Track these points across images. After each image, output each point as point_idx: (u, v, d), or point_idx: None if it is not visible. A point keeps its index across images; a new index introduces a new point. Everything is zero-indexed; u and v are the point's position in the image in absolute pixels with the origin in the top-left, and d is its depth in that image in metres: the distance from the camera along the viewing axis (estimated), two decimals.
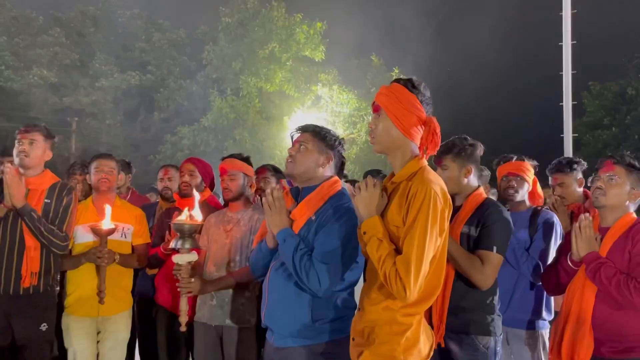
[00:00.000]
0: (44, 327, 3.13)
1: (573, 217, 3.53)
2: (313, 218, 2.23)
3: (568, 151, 11.46)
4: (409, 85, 1.99)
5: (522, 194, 3.17)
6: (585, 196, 3.62)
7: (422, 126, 2.00)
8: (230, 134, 18.86)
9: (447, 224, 1.92)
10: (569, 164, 3.50)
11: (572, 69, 11.88)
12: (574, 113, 12.24)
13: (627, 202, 2.49)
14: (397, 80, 2.02)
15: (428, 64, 21.30)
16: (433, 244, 1.86)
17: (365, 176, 4.51)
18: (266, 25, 19.68)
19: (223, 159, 3.27)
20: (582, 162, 3.56)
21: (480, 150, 2.68)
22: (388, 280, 1.84)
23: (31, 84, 23.64)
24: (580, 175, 3.58)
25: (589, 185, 2.80)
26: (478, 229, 2.49)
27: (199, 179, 3.59)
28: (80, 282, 3.33)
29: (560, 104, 11.79)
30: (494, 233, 2.47)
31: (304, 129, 2.37)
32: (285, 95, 19.25)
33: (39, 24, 25.68)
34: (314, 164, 2.30)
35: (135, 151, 22.69)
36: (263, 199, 2.30)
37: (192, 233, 2.80)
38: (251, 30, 19.95)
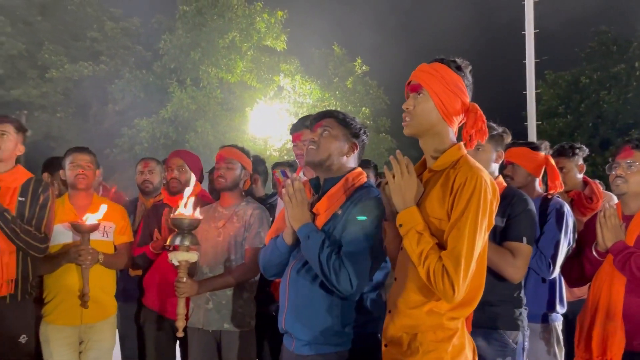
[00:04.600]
0: (23, 339, 2.84)
1: (573, 204, 3.49)
2: (339, 212, 2.04)
3: (532, 139, 11.66)
4: (453, 65, 1.80)
5: (520, 181, 3.06)
6: (585, 183, 3.58)
7: (464, 113, 1.84)
8: (192, 125, 18.31)
9: (493, 218, 1.77)
10: (571, 149, 3.46)
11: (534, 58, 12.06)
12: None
13: None
14: (440, 60, 1.82)
15: (391, 54, 21.34)
16: (482, 239, 1.71)
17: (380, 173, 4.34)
18: (225, 13, 19.15)
19: (222, 147, 3.07)
20: (584, 148, 3.52)
21: (509, 139, 2.57)
22: (432, 277, 1.66)
23: None
24: (581, 161, 3.54)
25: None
26: (504, 219, 2.37)
27: (188, 173, 3.35)
28: (61, 288, 3.04)
29: (524, 92, 11.96)
30: (523, 223, 2.36)
31: (328, 114, 2.17)
32: (246, 86, 18.81)
33: None
34: (338, 152, 2.10)
35: (89, 145, 21.57)
36: (282, 190, 2.10)
37: (191, 229, 2.57)
38: (210, 19, 19.36)
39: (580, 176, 3.54)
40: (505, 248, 2.35)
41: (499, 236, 2.39)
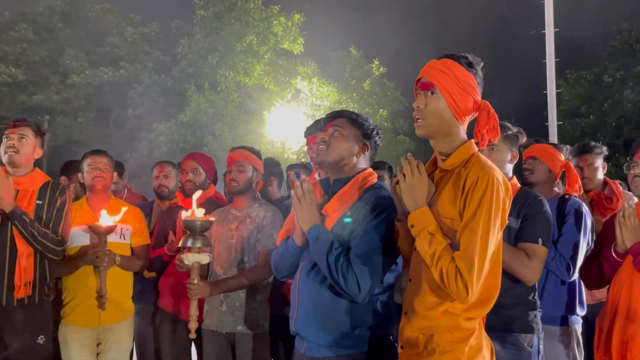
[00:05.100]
0: (41, 339, 2.88)
1: (593, 204, 3.43)
2: (348, 213, 2.03)
3: (553, 139, 11.47)
4: (464, 62, 1.77)
5: (539, 176, 3.01)
6: (604, 183, 3.52)
7: (475, 110, 1.81)
8: (209, 129, 18.48)
9: (506, 216, 1.74)
10: (596, 147, 3.44)
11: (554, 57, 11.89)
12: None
13: None
14: (450, 56, 1.79)
15: (407, 56, 21.24)
16: (495, 238, 1.68)
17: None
18: (242, 17, 19.31)
19: (233, 149, 3.05)
20: (605, 147, 3.49)
21: (524, 139, 2.53)
22: (445, 278, 1.64)
23: None
24: (602, 160, 3.50)
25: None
26: (519, 220, 2.34)
27: (203, 176, 3.37)
28: (79, 290, 3.08)
29: (544, 92, 11.80)
30: (538, 224, 2.32)
31: (340, 114, 2.15)
32: (264, 89, 18.92)
33: (4, 19, 24.76)
34: (348, 152, 2.08)
35: (109, 149, 21.78)
36: (291, 191, 2.09)
37: (203, 231, 2.58)
38: (227, 23, 19.54)
39: (601, 176, 3.49)
40: (520, 249, 2.31)
41: (513, 237, 2.35)
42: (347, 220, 1.99)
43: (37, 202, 2.93)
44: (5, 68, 22.88)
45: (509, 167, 2.53)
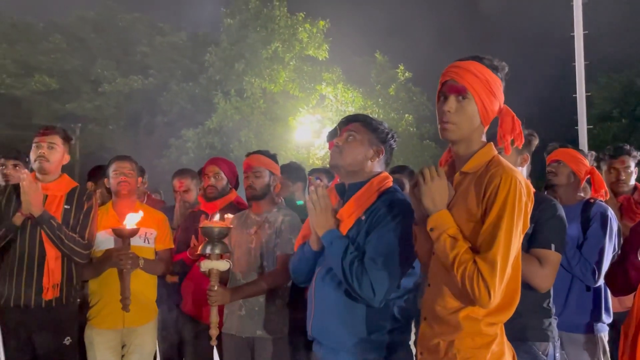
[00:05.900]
0: (67, 341, 2.95)
1: (622, 209, 3.36)
2: (363, 218, 2.02)
3: (583, 143, 11.24)
4: (491, 65, 1.73)
5: (562, 179, 2.96)
6: (634, 187, 3.45)
7: (496, 114, 1.79)
8: (236, 135, 18.68)
9: (528, 220, 1.71)
10: (632, 149, 3.41)
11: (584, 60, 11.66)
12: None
13: None
14: (477, 59, 1.74)
15: (433, 61, 21.11)
16: (517, 242, 1.65)
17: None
18: (268, 25, 19.50)
19: (248, 154, 3.06)
20: (638, 152, 3.44)
21: (536, 142, 2.48)
22: (467, 282, 1.60)
23: (33, 91, 23.54)
24: (635, 165, 3.45)
25: None
26: (532, 225, 2.27)
27: (224, 181, 3.40)
28: (104, 293, 3.15)
29: (574, 95, 11.57)
30: (551, 230, 2.25)
31: (354, 118, 2.15)
32: (289, 96, 19.05)
33: (38, 30, 25.57)
34: (362, 157, 2.08)
35: (139, 156, 22.38)
36: (307, 197, 2.11)
37: (222, 237, 2.59)
38: (253, 30, 19.76)
39: (633, 180, 3.43)
40: (533, 255, 2.24)
41: (526, 243, 2.28)
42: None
43: (65, 206, 3.02)
44: (39, 77, 23.60)
45: (521, 170, 2.46)
